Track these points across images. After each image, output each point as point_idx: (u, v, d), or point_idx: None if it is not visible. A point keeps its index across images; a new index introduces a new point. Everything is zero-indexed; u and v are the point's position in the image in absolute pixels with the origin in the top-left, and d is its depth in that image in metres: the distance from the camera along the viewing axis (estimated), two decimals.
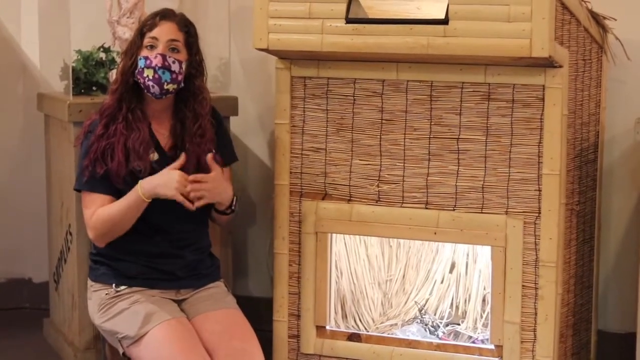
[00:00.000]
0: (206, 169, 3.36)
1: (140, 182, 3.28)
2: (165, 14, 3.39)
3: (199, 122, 3.39)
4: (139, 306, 3.29)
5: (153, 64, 3.31)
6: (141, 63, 3.33)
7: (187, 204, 3.26)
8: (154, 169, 3.34)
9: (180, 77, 3.36)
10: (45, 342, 4.39)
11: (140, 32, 3.38)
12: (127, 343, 3.26)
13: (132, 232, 3.35)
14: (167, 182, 3.25)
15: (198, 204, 3.28)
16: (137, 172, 3.32)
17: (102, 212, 3.33)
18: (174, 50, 3.35)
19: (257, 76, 4.49)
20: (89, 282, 3.45)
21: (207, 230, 3.55)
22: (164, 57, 3.32)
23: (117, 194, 3.34)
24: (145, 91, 3.35)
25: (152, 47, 3.34)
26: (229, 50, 4.38)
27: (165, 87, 3.33)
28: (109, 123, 3.35)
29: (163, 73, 3.32)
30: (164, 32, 3.35)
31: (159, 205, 3.32)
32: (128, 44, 3.44)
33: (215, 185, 3.33)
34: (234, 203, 3.44)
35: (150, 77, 3.31)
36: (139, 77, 3.34)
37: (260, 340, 3.34)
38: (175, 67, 3.33)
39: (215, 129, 3.48)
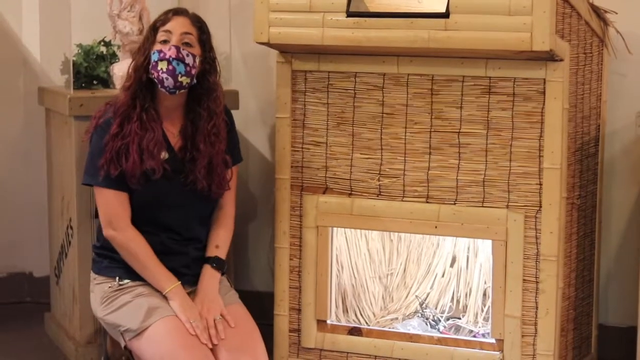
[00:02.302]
0: (217, 170, 3.35)
1: (175, 292, 3.30)
2: (177, 10, 3.39)
3: (213, 120, 3.37)
4: (141, 300, 3.29)
5: (167, 56, 3.28)
6: (154, 57, 3.30)
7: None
8: (165, 169, 3.32)
9: (193, 72, 3.33)
10: (46, 336, 4.39)
11: (153, 28, 3.36)
12: (129, 336, 3.26)
13: (139, 230, 3.34)
14: (188, 313, 3.25)
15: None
16: (150, 173, 3.30)
17: (135, 246, 3.33)
18: (187, 44, 3.33)
19: (257, 70, 4.48)
20: (92, 275, 3.45)
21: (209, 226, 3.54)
22: (177, 48, 3.30)
23: (130, 189, 3.33)
24: (159, 86, 3.31)
25: (165, 41, 3.32)
26: (230, 44, 4.38)
27: (179, 79, 3.30)
28: (124, 122, 3.31)
29: (177, 64, 3.29)
30: (178, 25, 3.34)
31: (168, 205, 3.32)
32: (141, 41, 3.42)
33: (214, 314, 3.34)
34: (225, 268, 3.47)
35: (164, 70, 3.28)
36: (152, 71, 3.31)
37: (263, 334, 3.34)
38: (189, 59, 3.31)
39: (228, 126, 3.46)
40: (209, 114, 3.37)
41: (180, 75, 3.29)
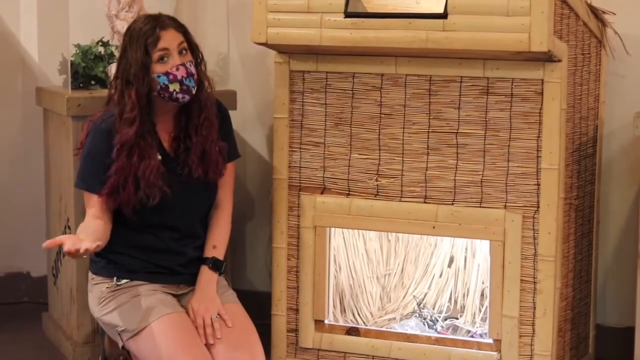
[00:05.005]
0: (211, 157, 3.35)
1: None
2: (162, 24, 3.29)
3: (204, 113, 3.36)
4: (139, 300, 3.29)
5: (179, 77, 3.26)
6: (163, 80, 3.25)
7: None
8: (164, 192, 3.29)
9: (196, 77, 3.33)
10: (44, 336, 4.39)
11: (145, 51, 3.26)
12: (127, 336, 3.26)
13: (138, 229, 3.34)
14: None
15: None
16: (145, 201, 3.28)
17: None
18: (182, 52, 3.30)
19: (255, 70, 4.48)
20: (90, 275, 3.45)
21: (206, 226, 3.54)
22: (184, 65, 3.27)
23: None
24: (170, 101, 3.28)
25: (163, 58, 3.26)
26: (228, 44, 4.38)
27: (193, 92, 3.30)
28: (131, 153, 3.25)
29: (189, 81, 3.27)
30: (171, 40, 3.27)
31: (167, 203, 3.31)
32: (133, 67, 3.25)
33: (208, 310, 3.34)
34: (223, 268, 3.46)
35: (178, 90, 3.25)
36: (162, 93, 3.26)
37: (261, 334, 3.34)
38: (192, 69, 3.29)
39: (221, 122, 3.45)
40: (200, 106, 3.36)
41: (193, 89, 3.29)
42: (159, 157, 3.33)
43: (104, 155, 3.28)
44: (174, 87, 3.26)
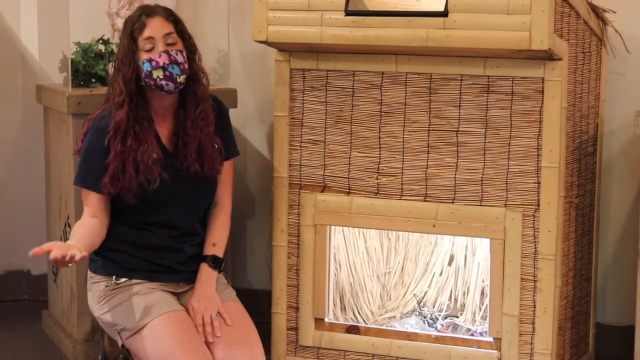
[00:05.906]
0: (207, 152, 3.35)
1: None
2: (148, 12, 3.32)
3: (200, 106, 3.36)
4: (138, 298, 3.30)
5: (161, 64, 3.27)
6: (147, 66, 3.27)
7: None
8: (162, 177, 3.30)
9: (186, 66, 3.32)
10: (44, 334, 4.39)
11: (132, 37, 3.30)
12: (126, 335, 3.27)
13: (137, 227, 3.35)
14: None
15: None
16: (146, 186, 3.30)
17: (75, 226, 3.32)
18: (171, 44, 3.31)
19: (256, 68, 4.48)
20: (89, 274, 3.45)
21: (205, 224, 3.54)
22: (167, 53, 3.28)
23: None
24: (158, 90, 3.30)
25: (150, 48, 3.29)
26: (228, 42, 4.38)
27: (178, 80, 3.29)
28: (124, 138, 3.28)
29: (173, 68, 3.27)
30: (157, 28, 3.29)
31: (166, 200, 3.31)
32: (121, 53, 3.33)
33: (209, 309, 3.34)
34: (222, 266, 3.46)
35: (162, 77, 3.27)
36: (147, 80, 3.28)
37: (260, 332, 3.34)
38: (180, 58, 3.30)
39: (219, 119, 3.45)
40: (196, 100, 3.36)
41: (178, 77, 3.29)
42: (160, 152, 3.33)
43: (102, 152, 3.28)
44: (157, 73, 3.27)
